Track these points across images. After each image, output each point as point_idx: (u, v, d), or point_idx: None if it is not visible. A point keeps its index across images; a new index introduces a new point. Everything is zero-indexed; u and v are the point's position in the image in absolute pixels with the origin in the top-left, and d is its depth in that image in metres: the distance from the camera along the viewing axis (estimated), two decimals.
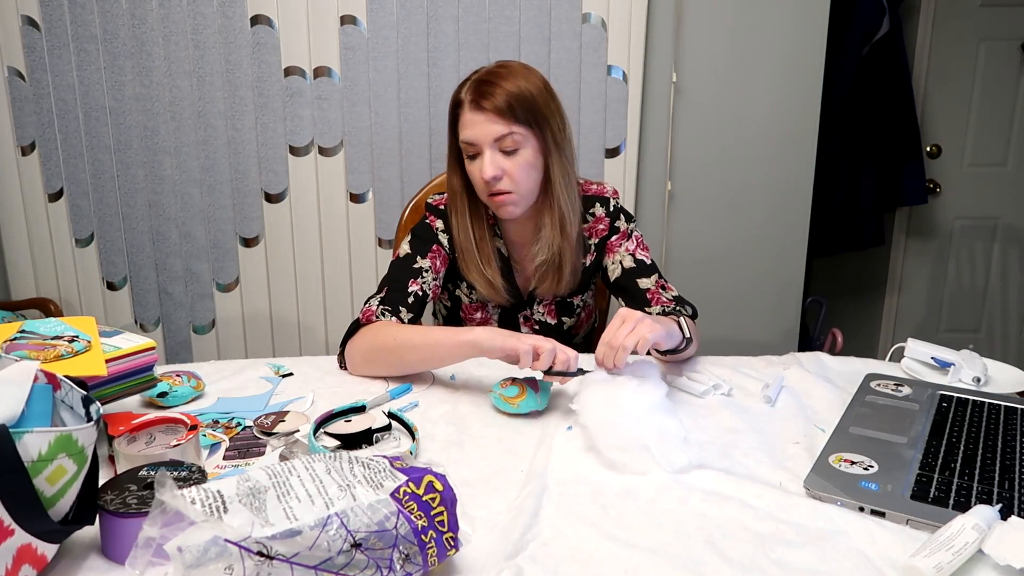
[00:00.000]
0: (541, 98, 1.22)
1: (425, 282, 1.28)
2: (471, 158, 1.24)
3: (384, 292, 1.26)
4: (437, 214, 1.35)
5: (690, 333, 1.19)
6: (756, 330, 2.27)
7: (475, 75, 1.23)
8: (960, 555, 0.68)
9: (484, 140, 1.20)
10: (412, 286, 1.27)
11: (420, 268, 1.29)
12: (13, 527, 0.62)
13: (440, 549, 0.66)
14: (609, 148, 2.08)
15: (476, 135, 1.20)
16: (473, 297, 1.38)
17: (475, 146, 1.21)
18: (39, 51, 1.94)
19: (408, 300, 1.25)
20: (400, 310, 1.24)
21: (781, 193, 2.18)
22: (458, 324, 1.43)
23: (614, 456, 0.91)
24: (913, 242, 2.89)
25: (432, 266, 1.30)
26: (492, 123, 1.19)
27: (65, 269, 2.10)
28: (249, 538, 0.57)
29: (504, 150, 1.21)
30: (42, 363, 0.87)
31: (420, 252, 1.31)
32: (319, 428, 0.96)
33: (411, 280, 1.27)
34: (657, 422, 0.93)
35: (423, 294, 1.27)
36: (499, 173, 1.20)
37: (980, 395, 1.08)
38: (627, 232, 1.36)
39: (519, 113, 1.19)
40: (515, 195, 1.23)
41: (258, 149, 2.03)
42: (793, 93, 2.11)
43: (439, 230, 1.34)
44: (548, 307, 1.39)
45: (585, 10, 1.98)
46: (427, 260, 1.30)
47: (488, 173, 1.20)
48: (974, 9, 2.64)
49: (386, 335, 1.17)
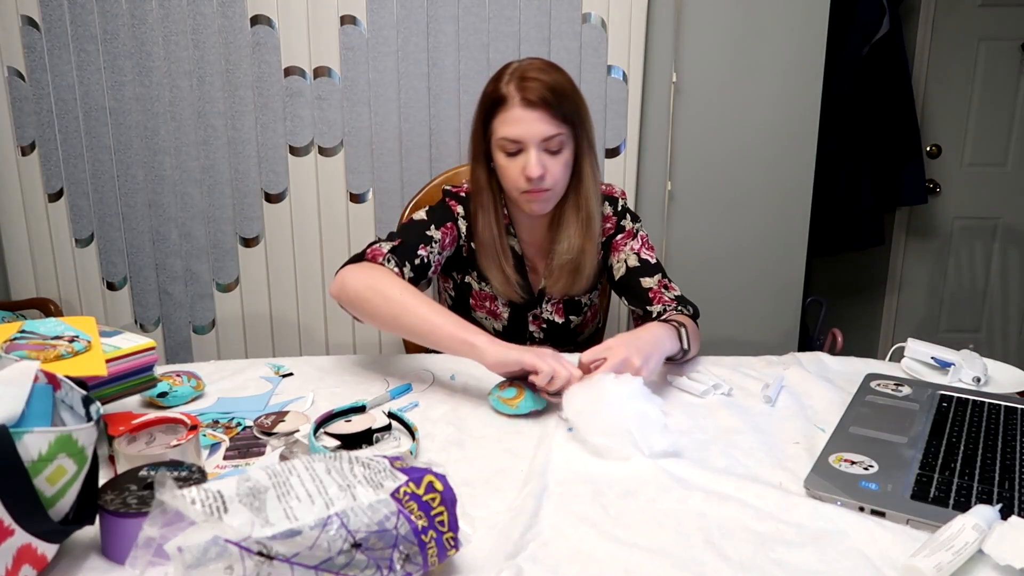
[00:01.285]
0: (576, 94, 1.22)
1: (432, 252, 1.26)
2: (510, 154, 1.21)
3: (397, 242, 1.23)
4: (458, 200, 1.33)
5: (688, 343, 1.19)
6: (756, 330, 2.27)
7: (512, 69, 1.21)
8: (960, 555, 0.68)
9: (532, 139, 1.18)
10: (421, 250, 1.24)
11: (431, 237, 1.26)
12: (13, 527, 0.62)
13: (440, 549, 0.66)
14: (609, 148, 2.08)
15: (523, 133, 1.18)
16: (483, 287, 1.37)
17: (519, 143, 1.19)
18: (39, 51, 1.94)
19: (415, 261, 1.22)
20: (406, 265, 1.21)
21: (781, 193, 2.18)
22: (466, 312, 1.41)
23: (597, 441, 0.92)
24: (913, 242, 2.89)
25: (441, 240, 1.28)
26: (542, 123, 1.17)
27: (65, 269, 2.10)
28: (249, 538, 0.57)
29: (549, 149, 1.20)
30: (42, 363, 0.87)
31: (435, 223, 1.28)
32: (319, 428, 0.96)
33: (422, 244, 1.25)
34: (636, 408, 0.94)
35: (427, 263, 1.25)
36: (544, 172, 1.20)
37: (980, 395, 1.08)
38: (632, 231, 1.37)
39: (565, 113, 1.19)
40: (551, 192, 1.23)
41: (258, 149, 2.03)
42: (793, 93, 2.11)
43: (459, 215, 1.32)
44: (556, 306, 1.39)
45: (585, 10, 1.98)
46: (438, 232, 1.27)
47: (535, 172, 1.18)
48: (974, 9, 2.64)
49: (391, 284, 1.12)
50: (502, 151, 1.22)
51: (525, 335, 1.41)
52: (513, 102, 1.18)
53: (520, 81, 1.18)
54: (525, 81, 1.18)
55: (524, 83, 1.18)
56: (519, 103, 1.18)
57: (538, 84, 1.17)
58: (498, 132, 1.21)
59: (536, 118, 1.17)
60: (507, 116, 1.19)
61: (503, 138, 1.20)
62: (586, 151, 1.25)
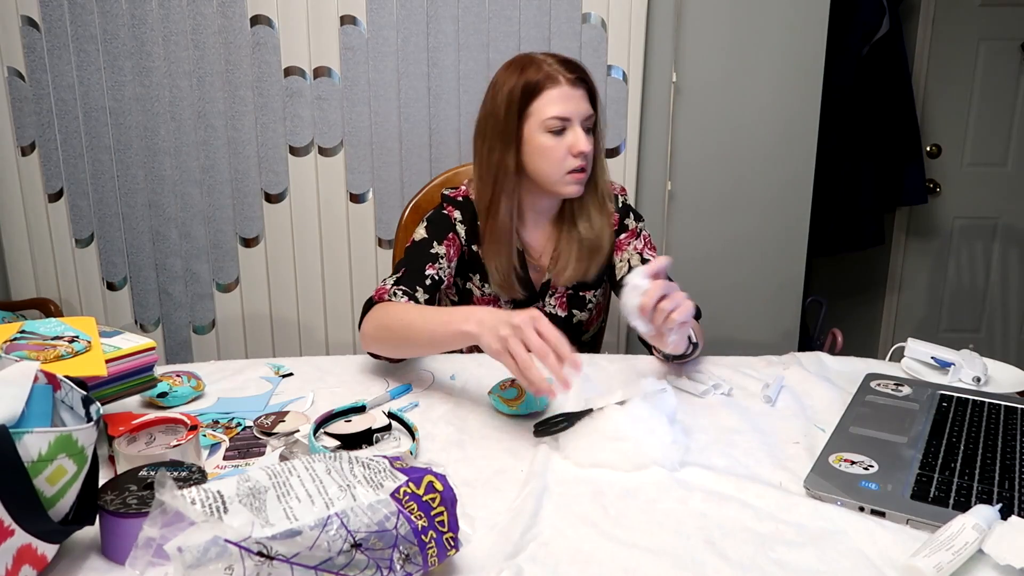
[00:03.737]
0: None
1: (441, 268, 1.28)
2: (556, 133, 1.25)
3: (401, 273, 1.25)
4: (455, 205, 1.35)
5: (697, 338, 1.19)
6: (756, 330, 2.27)
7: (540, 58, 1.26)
8: (960, 555, 0.68)
9: (578, 116, 1.24)
10: (429, 270, 1.27)
11: (437, 254, 1.29)
12: (13, 527, 0.62)
13: (440, 549, 0.66)
14: (609, 148, 2.08)
15: (571, 110, 1.24)
16: (485, 290, 1.38)
17: (566, 121, 1.24)
18: (39, 51, 1.94)
19: (425, 282, 1.25)
20: (417, 290, 1.23)
21: (781, 193, 2.18)
22: None
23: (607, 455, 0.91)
24: (913, 242, 2.89)
25: (447, 253, 1.30)
26: (585, 101, 1.25)
27: (65, 269, 2.10)
28: (249, 538, 0.57)
29: (588, 129, 1.26)
30: (42, 363, 0.87)
31: (437, 238, 1.31)
32: (319, 428, 0.96)
33: (428, 264, 1.27)
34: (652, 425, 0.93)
35: (438, 279, 1.28)
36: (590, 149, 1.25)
37: (980, 395, 1.08)
38: (636, 231, 1.38)
39: (593, 96, 1.28)
40: (586, 173, 1.28)
41: (258, 149, 2.03)
42: (793, 93, 2.11)
43: (457, 220, 1.34)
44: (560, 300, 1.39)
45: (585, 10, 1.98)
46: (443, 247, 1.30)
47: (587, 146, 1.24)
48: (974, 9, 2.64)
49: (393, 315, 1.15)
50: (547, 131, 1.25)
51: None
52: (560, 81, 1.23)
53: (561, 64, 1.25)
54: (566, 64, 1.25)
55: (566, 65, 1.25)
56: (566, 82, 1.23)
57: (576, 66, 1.26)
58: (545, 112, 1.24)
59: (581, 96, 1.25)
60: (553, 94, 1.23)
61: (552, 117, 1.24)
62: (601, 136, 1.32)
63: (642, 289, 1.00)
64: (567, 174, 1.26)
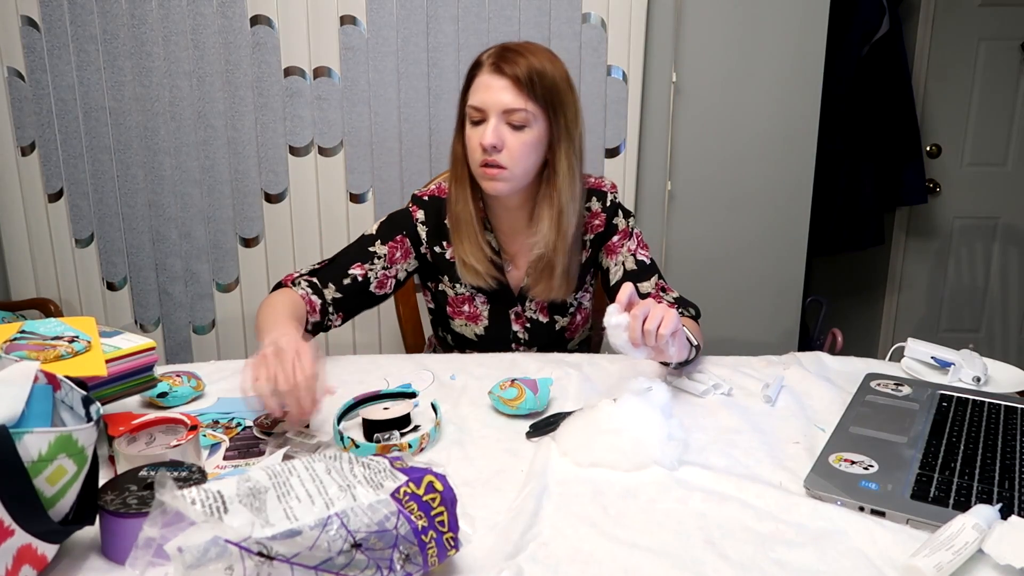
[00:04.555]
0: (562, 84, 1.20)
1: (373, 269, 1.26)
2: (474, 123, 1.20)
3: (323, 264, 1.25)
4: (420, 204, 1.33)
5: (696, 339, 1.18)
6: (756, 330, 2.27)
7: (502, 44, 1.20)
8: (960, 555, 0.68)
9: (494, 108, 1.17)
10: (354, 269, 1.25)
11: (373, 253, 1.27)
12: (13, 527, 0.62)
13: (440, 549, 0.66)
14: (609, 148, 2.08)
15: (486, 100, 1.17)
16: (458, 290, 1.35)
17: (482, 112, 1.18)
18: (39, 51, 1.94)
19: (343, 280, 1.24)
20: (328, 286, 1.22)
21: (781, 193, 2.18)
22: (444, 321, 1.40)
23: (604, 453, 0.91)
24: (913, 242, 2.89)
25: (389, 255, 1.28)
26: (507, 92, 1.16)
27: (65, 269, 2.10)
28: (249, 538, 0.57)
29: (512, 123, 1.17)
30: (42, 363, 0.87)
31: (383, 237, 1.29)
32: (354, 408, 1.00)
33: (357, 263, 1.26)
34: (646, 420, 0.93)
35: (364, 280, 1.26)
36: (499, 143, 1.17)
37: (980, 395, 1.08)
38: (628, 231, 1.35)
39: (537, 90, 1.16)
40: (508, 172, 1.19)
41: (258, 149, 2.03)
42: (793, 93, 2.11)
43: (418, 221, 1.31)
44: (540, 304, 1.36)
45: (585, 10, 1.98)
46: (385, 247, 1.28)
47: (488, 139, 1.16)
48: (974, 9, 2.64)
49: (266, 308, 1.15)
50: (469, 120, 1.21)
51: (509, 335, 1.37)
52: (485, 69, 1.18)
53: (500, 51, 1.18)
54: (505, 52, 1.18)
55: (503, 53, 1.18)
56: (488, 69, 1.17)
57: (515, 56, 1.16)
58: (468, 100, 1.21)
59: (502, 87, 1.16)
60: (477, 83, 1.19)
61: (470, 106, 1.20)
62: (562, 142, 1.21)
63: (624, 325, 0.98)
64: (479, 167, 1.21)
